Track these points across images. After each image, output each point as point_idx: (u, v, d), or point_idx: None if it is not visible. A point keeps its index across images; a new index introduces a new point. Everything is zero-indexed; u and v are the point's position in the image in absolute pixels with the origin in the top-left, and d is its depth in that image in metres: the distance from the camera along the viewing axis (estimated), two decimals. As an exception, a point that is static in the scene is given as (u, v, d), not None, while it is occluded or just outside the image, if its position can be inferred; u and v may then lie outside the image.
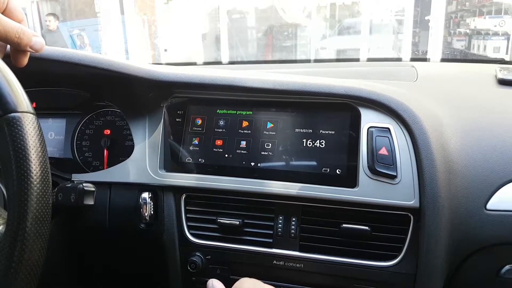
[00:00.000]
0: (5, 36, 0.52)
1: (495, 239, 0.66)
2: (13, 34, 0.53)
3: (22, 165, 0.43)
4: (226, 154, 0.73)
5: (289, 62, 1.79)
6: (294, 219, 0.70)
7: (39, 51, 0.56)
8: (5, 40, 0.53)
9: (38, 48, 0.56)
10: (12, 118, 0.44)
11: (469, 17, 5.12)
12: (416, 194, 0.63)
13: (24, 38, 0.54)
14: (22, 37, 0.54)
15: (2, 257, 0.43)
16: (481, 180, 0.66)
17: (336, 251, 0.68)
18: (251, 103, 0.75)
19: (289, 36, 5.66)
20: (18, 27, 0.53)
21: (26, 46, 0.55)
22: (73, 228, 0.82)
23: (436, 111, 0.72)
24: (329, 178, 0.68)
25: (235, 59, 5.51)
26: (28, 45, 0.55)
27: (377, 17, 5.25)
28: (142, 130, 0.78)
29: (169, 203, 0.75)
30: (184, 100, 0.78)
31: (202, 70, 0.79)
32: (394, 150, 0.65)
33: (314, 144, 0.70)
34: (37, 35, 0.55)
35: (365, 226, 0.66)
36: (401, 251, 0.66)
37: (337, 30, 5.66)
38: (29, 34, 0.54)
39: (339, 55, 5.56)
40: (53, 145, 0.89)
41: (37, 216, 0.43)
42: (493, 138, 0.69)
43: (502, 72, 0.87)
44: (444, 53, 4.60)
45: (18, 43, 0.54)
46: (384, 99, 0.67)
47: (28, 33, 0.54)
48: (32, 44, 0.55)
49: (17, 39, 0.53)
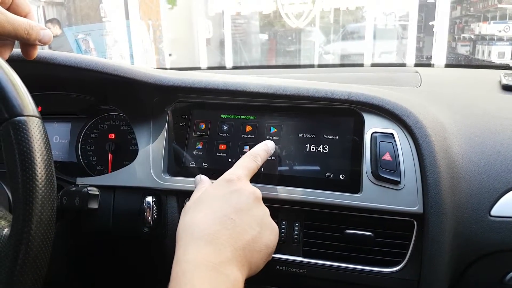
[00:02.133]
0: (15, 33, 0.54)
1: (499, 246, 0.65)
2: (22, 30, 0.54)
3: (28, 168, 0.43)
4: (229, 159, 0.74)
5: (293, 67, 1.79)
6: (297, 224, 0.70)
7: (48, 43, 0.58)
8: (14, 36, 0.55)
9: (47, 40, 0.58)
10: (18, 122, 0.44)
11: (474, 22, 5.11)
12: (419, 200, 0.63)
13: (33, 33, 0.56)
14: (31, 32, 0.55)
15: (7, 260, 0.43)
16: (485, 186, 0.65)
17: (339, 256, 0.68)
18: (255, 108, 0.75)
19: (293, 41, 5.67)
20: (26, 23, 0.55)
21: (35, 41, 0.57)
22: (77, 232, 0.82)
23: (440, 117, 0.72)
24: (332, 183, 0.68)
25: (239, 64, 5.53)
26: (37, 39, 0.57)
27: (381, 22, 5.26)
28: (146, 135, 0.78)
29: (172, 207, 0.75)
30: (188, 105, 0.78)
31: (206, 75, 0.79)
32: (397, 155, 0.65)
33: (317, 149, 0.70)
34: (45, 28, 0.58)
35: (368, 232, 0.66)
36: (405, 257, 0.66)
37: (341, 35, 5.67)
38: (37, 28, 0.56)
39: (343, 60, 5.56)
40: (58, 149, 0.89)
41: (42, 219, 0.44)
42: (497, 144, 0.69)
43: (507, 78, 0.87)
44: (449, 58, 4.59)
45: (28, 38, 0.56)
46: (387, 104, 0.67)
47: (36, 27, 0.56)
48: (41, 37, 0.57)
49: (26, 35, 0.55)
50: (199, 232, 0.48)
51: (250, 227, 0.51)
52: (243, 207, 0.52)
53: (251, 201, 0.54)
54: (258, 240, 0.51)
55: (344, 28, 5.62)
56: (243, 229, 0.50)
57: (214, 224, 0.49)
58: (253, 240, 0.51)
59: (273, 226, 0.56)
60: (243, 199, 0.53)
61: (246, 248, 0.49)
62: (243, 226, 0.50)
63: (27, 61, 0.64)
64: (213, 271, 0.45)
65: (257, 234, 0.52)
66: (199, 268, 0.44)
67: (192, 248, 0.47)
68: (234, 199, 0.53)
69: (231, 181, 0.55)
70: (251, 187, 0.56)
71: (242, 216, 0.51)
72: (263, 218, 0.54)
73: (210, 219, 0.50)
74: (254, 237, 0.51)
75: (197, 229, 0.49)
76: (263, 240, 0.52)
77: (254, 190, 0.56)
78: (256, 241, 0.51)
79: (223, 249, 0.47)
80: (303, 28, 5.27)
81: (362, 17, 5.40)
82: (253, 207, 0.54)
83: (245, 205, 0.52)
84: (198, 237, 0.47)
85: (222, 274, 0.45)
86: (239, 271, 0.48)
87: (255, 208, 0.54)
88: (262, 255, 0.52)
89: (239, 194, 0.53)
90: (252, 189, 0.56)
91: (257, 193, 0.56)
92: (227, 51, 5.17)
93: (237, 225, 0.50)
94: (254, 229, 0.52)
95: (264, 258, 0.53)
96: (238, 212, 0.51)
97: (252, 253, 0.50)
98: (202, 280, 0.43)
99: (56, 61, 0.71)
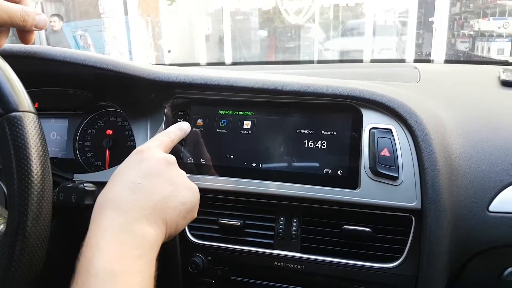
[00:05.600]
0: (11, 21, 0.54)
1: (498, 241, 0.65)
2: (17, 18, 0.55)
3: (23, 164, 0.43)
4: (227, 155, 0.73)
5: (292, 63, 1.79)
6: (295, 220, 0.70)
7: (44, 28, 0.58)
8: (10, 24, 0.55)
9: (43, 25, 0.58)
10: (13, 117, 0.44)
11: (473, 18, 5.10)
12: (418, 195, 0.63)
13: (28, 19, 0.56)
14: (27, 19, 0.56)
15: (3, 257, 0.43)
16: (484, 182, 0.65)
17: (337, 252, 0.68)
18: (253, 104, 0.75)
19: (292, 37, 5.65)
20: (21, 10, 0.55)
21: (32, 27, 0.57)
22: (74, 228, 0.82)
23: (438, 112, 0.72)
24: (330, 179, 0.68)
25: (238, 60, 5.51)
26: (33, 25, 0.57)
27: (380, 18, 5.24)
28: (143, 131, 0.78)
29: (170, 204, 0.75)
30: (186, 101, 0.78)
31: (204, 70, 0.79)
32: (396, 151, 0.65)
33: (315, 145, 0.70)
34: (40, 13, 0.58)
35: (366, 228, 0.66)
36: (403, 252, 0.66)
37: (341, 31, 5.65)
38: (33, 14, 0.57)
39: (342, 56, 5.55)
40: (55, 145, 0.89)
41: (37, 215, 0.44)
42: (496, 140, 0.69)
43: (506, 74, 0.86)
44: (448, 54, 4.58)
45: (24, 25, 0.56)
46: (386, 100, 0.67)
47: (31, 13, 0.56)
48: (37, 23, 0.57)
49: (22, 22, 0.55)
50: (106, 201, 0.50)
51: (161, 187, 0.53)
52: (152, 172, 0.54)
53: (162, 166, 0.55)
54: (171, 199, 0.53)
55: (344, 25, 5.61)
56: (151, 190, 0.52)
57: (120, 190, 0.51)
58: (164, 199, 0.52)
59: (190, 186, 0.57)
60: (153, 164, 0.54)
61: (156, 207, 0.50)
62: (152, 188, 0.52)
63: (24, 57, 0.64)
64: (119, 232, 0.46)
65: (169, 193, 0.53)
66: (105, 232, 0.46)
67: (100, 217, 0.48)
68: (143, 165, 0.54)
69: (141, 151, 0.57)
70: (163, 154, 0.57)
71: (151, 179, 0.53)
72: (177, 178, 0.56)
73: (118, 188, 0.51)
74: (165, 195, 0.52)
75: (105, 199, 0.50)
76: (178, 198, 0.54)
77: (166, 155, 0.57)
78: (169, 199, 0.52)
79: (130, 211, 0.48)
80: (302, 24, 5.26)
81: (362, 14, 5.38)
82: (165, 170, 0.55)
83: (154, 170, 0.54)
84: (105, 206, 0.49)
85: (128, 232, 0.46)
86: (150, 227, 0.49)
87: (167, 170, 0.55)
88: (179, 212, 0.53)
89: (148, 161, 0.55)
90: (163, 155, 0.57)
91: (169, 158, 0.57)
92: (226, 47, 5.15)
93: (144, 187, 0.51)
94: (166, 188, 0.53)
95: (182, 214, 0.54)
96: (146, 176, 0.53)
97: (165, 210, 0.52)
98: (107, 241, 0.44)
99: (53, 56, 0.71)
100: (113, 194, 0.51)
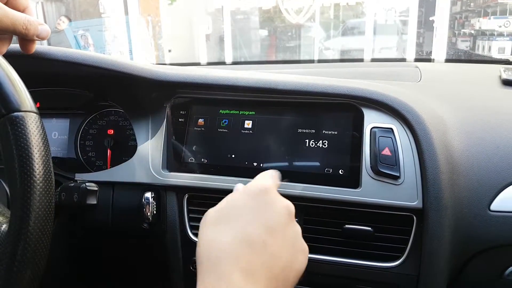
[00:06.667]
0: (13, 29, 0.54)
1: (499, 240, 0.65)
2: (20, 26, 0.54)
3: (25, 164, 0.43)
4: (228, 154, 0.73)
5: (293, 63, 1.79)
6: (297, 219, 0.69)
7: (45, 38, 0.58)
8: (13, 32, 0.55)
9: (45, 36, 0.58)
10: (15, 117, 0.44)
11: (474, 17, 5.09)
12: (419, 194, 0.63)
13: (31, 28, 0.56)
14: (29, 27, 0.55)
15: (5, 256, 0.43)
16: (485, 181, 0.65)
17: (338, 251, 0.68)
18: (254, 103, 0.75)
19: (293, 37, 5.65)
20: (25, 18, 0.55)
21: (33, 36, 0.57)
22: (76, 228, 0.82)
23: (439, 112, 0.72)
24: (331, 178, 0.68)
25: (238, 59, 5.51)
26: (35, 35, 0.57)
27: (381, 17, 5.24)
28: (145, 130, 0.78)
29: (171, 203, 0.75)
30: (187, 100, 0.78)
31: (205, 70, 0.79)
32: (397, 150, 0.65)
33: (316, 144, 0.70)
34: (43, 24, 0.58)
35: (368, 227, 0.66)
36: (404, 252, 0.66)
37: (341, 30, 5.65)
38: (35, 24, 0.56)
39: (343, 56, 5.55)
40: (57, 145, 0.89)
41: (40, 215, 0.44)
42: (497, 139, 0.68)
43: (507, 73, 0.86)
44: (449, 53, 4.58)
45: (26, 33, 0.55)
46: (387, 99, 0.67)
47: (34, 22, 0.56)
48: (39, 33, 0.57)
49: (24, 30, 0.55)
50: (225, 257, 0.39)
51: (284, 250, 0.42)
52: (275, 226, 0.43)
53: (285, 219, 0.44)
54: (291, 266, 0.43)
55: (344, 24, 5.60)
56: (276, 254, 0.41)
57: (241, 247, 0.40)
58: (287, 267, 0.42)
59: (304, 247, 0.47)
60: (276, 215, 0.44)
61: (279, 278, 0.40)
62: (276, 250, 0.41)
63: (25, 57, 0.64)
64: None
65: (291, 258, 0.43)
66: None
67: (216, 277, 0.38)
68: (266, 214, 0.43)
69: (264, 190, 0.45)
70: (285, 200, 0.47)
71: (275, 238, 0.42)
72: (296, 238, 0.46)
73: (237, 240, 0.40)
74: (287, 262, 0.42)
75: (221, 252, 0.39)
76: (296, 265, 0.43)
77: (288, 204, 0.46)
78: (289, 267, 0.42)
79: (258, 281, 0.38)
80: (303, 23, 5.25)
81: (362, 13, 5.38)
82: (286, 225, 0.44)
83: (278, 223, 0.43)
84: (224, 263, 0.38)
85: None
86: None
87: (288, 226, 0.44)
88: (293, 282, 0.43)
89: (272, 208, 0.44)
90: (286, 203, 0.46)
91: (291, 207, 0.46)
92: (226, 47, 5.15)
93: (269, 248, 0.41)
94: (288, 251, 0.43)
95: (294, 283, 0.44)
96: (270, 232, 0.42)
97: (289, 279, 0.42)
98: None
99: (53, 56, 0.71)
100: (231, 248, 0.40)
